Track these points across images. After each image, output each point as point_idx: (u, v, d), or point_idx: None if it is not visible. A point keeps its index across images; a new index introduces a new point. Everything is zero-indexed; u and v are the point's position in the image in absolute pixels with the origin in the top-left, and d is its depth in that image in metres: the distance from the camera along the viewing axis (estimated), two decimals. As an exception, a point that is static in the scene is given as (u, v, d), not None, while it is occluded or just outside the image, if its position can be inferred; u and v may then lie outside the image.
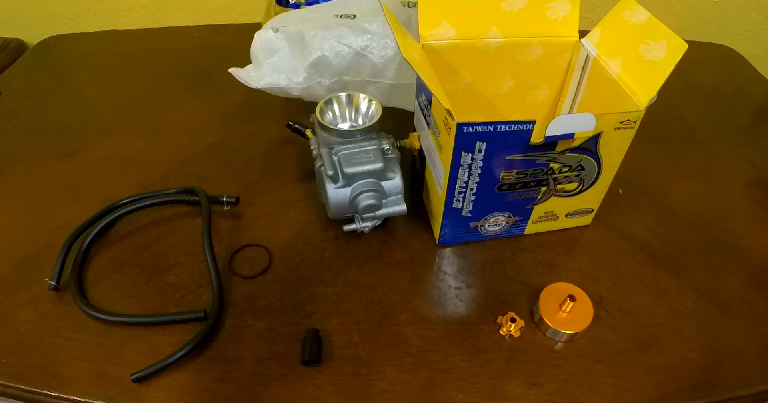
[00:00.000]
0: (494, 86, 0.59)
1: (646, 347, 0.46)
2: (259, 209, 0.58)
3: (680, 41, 0.43)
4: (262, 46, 0.64)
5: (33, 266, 0.52)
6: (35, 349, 0.46)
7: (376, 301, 0.50)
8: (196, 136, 0.69)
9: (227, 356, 0.45)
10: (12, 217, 0.58)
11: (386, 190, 0.52)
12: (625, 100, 0.47)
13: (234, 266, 0.53)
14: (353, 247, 0.54)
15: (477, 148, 0.43)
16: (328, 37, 0.62)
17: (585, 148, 0.46)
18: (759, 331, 0.48)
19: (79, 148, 0.67)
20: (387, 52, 0.63)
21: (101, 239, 0.55)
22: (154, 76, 0.81)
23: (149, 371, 0.43)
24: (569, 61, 0.56)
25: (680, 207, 0.59)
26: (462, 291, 0.51)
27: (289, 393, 0.43)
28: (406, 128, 0.59)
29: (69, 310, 0.48)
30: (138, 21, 0.98)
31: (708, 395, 0.43)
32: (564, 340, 0.47)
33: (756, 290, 0.51)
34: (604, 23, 0.51)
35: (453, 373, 0.44)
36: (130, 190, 0.59)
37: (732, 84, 0.82)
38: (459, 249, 0.55)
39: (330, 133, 0.53)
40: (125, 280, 0.51)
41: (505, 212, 0.52)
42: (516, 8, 0.53)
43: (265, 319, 0.48)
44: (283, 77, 0.64)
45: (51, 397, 0.43)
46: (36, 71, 0.84)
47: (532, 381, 0.44)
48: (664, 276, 0.52)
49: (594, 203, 0.54)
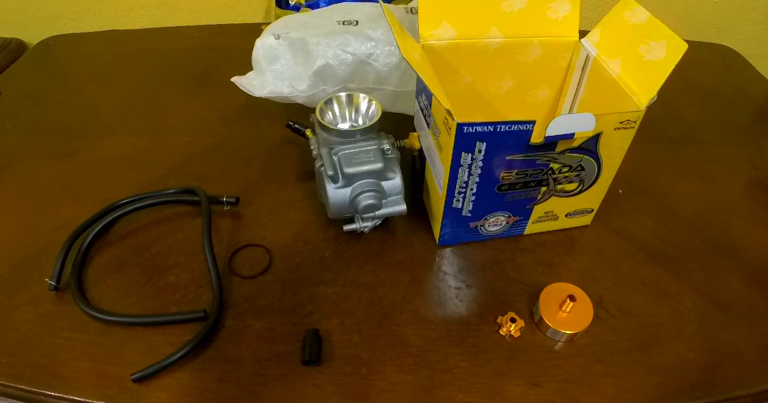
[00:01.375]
0: (494, 86, 0.59)
1: (646, 347, 0.46)
2: (259, 208, 0.58)
3: (680, 41, 0.43)
4: (264, 53, 0.64)
5: (33, 266, 0.52)
6: (35, 349, 0.46)
7: (376, 301, 0.50)
8: (196, 136, 0.69)
9: (227, 356, 0.45)
10: (12, 217, 0.58)
11: (386, 190, 0.52)
12: (625, 100, 0.47)
13: (234, 266, 0.53)
14: (353, 247, 0.54)
15: (477, 149, 0.43)
16: (331, 45, 0.62)
17: (585, 148, 0.46)
18: (759, 331, 0.48)
19: (79, 148, 0.67)
20: (391, 60, 0.63)
21: (101, 239, 0.55)
22: (154, 76, 0.81)
23: (149, 371, 0.43)
24: (569, 61, 0.56)
25: (680, 207, 0.59)
26: (462, 291, 0.51)
27: (289, 393, 0.43)
28: (406, 129, 0.59)
29: (69, 310, 0.48)
30: (138, 21, 0.98)
31: (708, 395, 0.43)
32: (564, 340, 0.47)
33: (756, 290, 0.51)
34: (604, 23, 0.51)
35: (453, 373, 0.44)
36: (130, 190, 0.59)
37: (732, 84, 0.82)
38: (459, 249, 0.55)
39: (330, 133, 0.53)
40: (125, 280, 0.51)
41: (505, 212, 0.52)
42: (516, 8, 0.53)
43: (265, 319, 0.48)
44: (287, 85, 0.64)
45: (51, 397, 0.43)
46: (36, 71, 0.84)
47: (532, 381, 0.44)
48: (664, 276, 0.52)
49: (594, 203, 0.54)
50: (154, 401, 0.42)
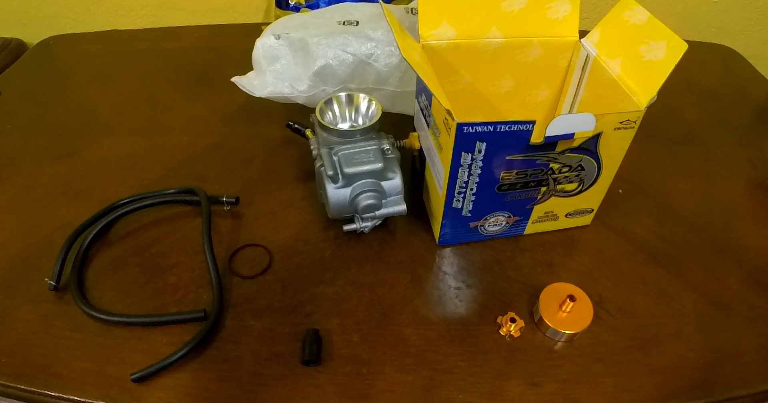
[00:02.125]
0: (494, 86, 0.59)
1: (646, 347, 0.46)
2: (259, 208, 0.58)
3: (680, 41, 0.43)
4: (264, 53, 0.64)
5: (33, 266, 0.52)
6: (35, 349, 0.46)
7: (376, 301, 0.50)
8: (196, 136, 0.69)
9: (227, 356, 0.45)
10: (12, 217, 0.58)
11: (386, 190, 0.52)
12: (625, 100, 0.47)
13: (234, 266, 0.53)
14: (353, 247, 0.54)
15: (477, 149, 0.43)
16: (332, 45, 0.62)
17: (585, 148, 0.46)
18: (759, 331, 0.48)
19: (79, 148, 0.67)
20: (392, 60, 0.63)
21: (101, 239, 0.55)
22: (154, 76, 0.81)
23: (149, 371, 0.43)
24: (569, 61, 0.56)
25: (680, 207, 0.59)
26: (462, 291, 0.51)
27: (289, 393, 0.43)
28: (406, 129, 0.59)
29: (69, 310, 0.48)
30: (138, 21, 0.98)
31: (708, 395, 0.43)
32: (564, 340, 0.47)
33: (756, 290, 0.51)
34: (604, 23, 0.51)
35: (453, 373, 0.44)
36: (130, 190, 0.59)
37: (732, 84, 0.82)
38: (459, 249, 0.55)
39: (330, 133, 0.53)
40: (125, 280, 0.51)
41: (505, 212, 0.52)
42: (516, 8, 0.53)
43: (265, 319, 0.48)
44: (287, 85, 0.64)
45: (51, 397, 0.43)
46: (36, 71, 0.84)
47: (532, 381, 0.44)
48: (664, 276, 0.52)
49: (594, 203, 0.54)
50: (154, 401, 0.42)
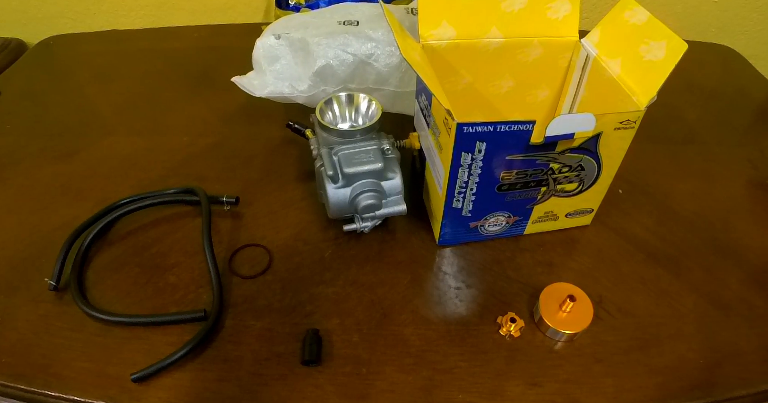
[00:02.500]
0: (494, 86, 0.59)
1: (646, 347, 0.46)
2: (259, 208, 0.58)
3: (680, 41, 0.43)
4: (264, 53, 0.64)
5: (33, 266, 0.52)
6: (35, 349, 0.46)
7: (376, 301, 0.50)
8: (196, 136, 0.69)
9: (227, 356, 0.45)
10: (12, 217, 0.58)
11: (386, 190, 0.52)
12: (625, 100, 0.47)
13: (234, 266, 0.53)
14: (353, 247, 0.54)
15: (477, 149, 0.43)
16: (332, 45, 0.62)
17: (585, 148, 0.46)
18: (759, 331, 0.48)
19: (79, 148, 0.67)
20: (392, 60, 0.63)
21: (101, 239, 0.55)
22: (154, 76, 0.81)
23: (149, 371, 0.43)
24: (569, 61, 0.56)
25: (680, 207, 0.59)
26: (462, 291, 0.51)
27: (289, 393, 0.43)
28: (406, 129, 0.59)
29: (69, 310, 0.48)
30: (138, 21, 0.98)
31: (708, 395, 0.43)
32: (564, 340, 0.47)
33: (756, 290, 0.51)
34: (604, 23, 0.51)
35: (453, 373, 0.44)
36: (130, 190, 0.59)
37: (732, 84, 0.82)
38: (459, 249, 0.55)
39: (330, 133, 0.53)
40: (125, 280, 0.51)
41: (505, 212, 0.52)
42: (516, 8, 0.53)
43: (265, 319, 0.48)
44: (287, 85, 0.64)
45: (51, 397, 0.43)
46: (36, 71, 0.84)
47: (532, 381, 0.44)
48: (664, 276, 0.52)
49: (594, 203, 0.54)
50: (154, 401, 0.42)
